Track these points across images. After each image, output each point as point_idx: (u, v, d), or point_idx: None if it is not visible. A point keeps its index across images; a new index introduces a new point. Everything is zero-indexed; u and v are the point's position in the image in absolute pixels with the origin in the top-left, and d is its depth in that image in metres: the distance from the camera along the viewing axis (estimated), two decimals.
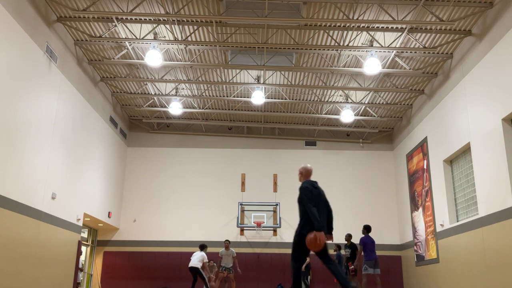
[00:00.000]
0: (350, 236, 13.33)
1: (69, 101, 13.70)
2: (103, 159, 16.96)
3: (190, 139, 20.21)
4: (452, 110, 13.71)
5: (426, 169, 15.93)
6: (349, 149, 20.10)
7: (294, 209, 19.39)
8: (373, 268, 11.55)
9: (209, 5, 12.14)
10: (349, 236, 13.34)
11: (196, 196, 19.34)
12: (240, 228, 18.60)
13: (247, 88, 16.73)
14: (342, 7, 11.98)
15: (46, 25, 12.10)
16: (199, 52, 14.37)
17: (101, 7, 12.23)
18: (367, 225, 12.06)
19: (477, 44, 12.07)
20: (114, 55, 14.72)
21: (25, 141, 11.12)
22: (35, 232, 11.70)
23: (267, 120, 19.70)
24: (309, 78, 15.92)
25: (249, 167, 19.76)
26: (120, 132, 18.84)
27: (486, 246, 11.40)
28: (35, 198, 11.71)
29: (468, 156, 13.10)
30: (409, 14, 12.02)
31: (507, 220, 10.38)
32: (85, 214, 15.38)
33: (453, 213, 14.03)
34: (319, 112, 18.40)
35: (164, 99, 17.88)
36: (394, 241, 18.84)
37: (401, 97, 16.94)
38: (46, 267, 12.32)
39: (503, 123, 10.76)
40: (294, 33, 13.25)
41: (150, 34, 13.41)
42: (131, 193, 19.41)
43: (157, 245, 18.65)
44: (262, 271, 17.68)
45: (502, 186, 10.63)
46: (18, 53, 10.72)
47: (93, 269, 18.25)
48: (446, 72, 14.23)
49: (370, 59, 13.23)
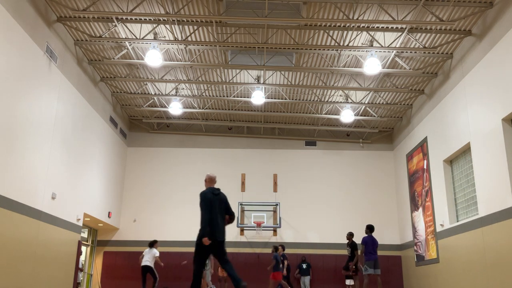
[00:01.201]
0: (352, 235, 13.10)
1: (69, 101, 13.70)
2: (103, 159, 16.96)
3: (190, 139, 20.21)
4: (452, 110, 13.71)
5: (426, 169, 15.93)
6: (349, 149, 20.10)
7: (294, 209, 19.47)
8: (373, 268, 11.53)
9: (209, 5, 12.13)
10: (350, 234, 13.11)
11: (196, 196, 19.22)
12: (240, 228, 18.60)
13: (247, 88, 16.73)
14: (342, 7, 11.98)
15: (46, 25, 12.10)
16: (199, 52, 14.37)
17: (101, 7, 12.23)
18: (370, 225, 12.01)
19: (477, 44, 12.07)
20: (114, 55, 14.72)
21: (25, 141, 11.11)
22: (35, 232, 11.70)
23: (267, 120, 19.70)
24: (309, 78, 15.92)
25: (249, 167, 19.76)
26: (120, 132, 18.84)
27: (486, 246, 11.40)
28: (35, 198, 11.71)
29: (468, 156, 13.10)
30: (409, 14, 12.02)
31: (507, 220, 10.38)
32: (85, 214, 15.38)
33: (453, 213, 14.03)
34: (319, 112, 18.40)
35: (164, 99, 17.88)
36: (394, 241, 18.85)
37: (401, 97, 16.94)
38: (46, 267, 12.32)
39: (503, 123, 10.76)
40: (294, 33, 13.25)
41: (150, 34, 13.41)
42: (131, 193, 19.41)
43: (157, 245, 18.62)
44: (262, 271, 17.67)
45: (502, 186, 10.63)
46: (18, 53, 10.72)
47: (93, 269, 18.24)
48: (446, 72, 14.23)
49: (370, 59, 13.22)
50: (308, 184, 19.59)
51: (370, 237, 11.76)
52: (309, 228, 19.03)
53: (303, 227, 19.04)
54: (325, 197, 19.42)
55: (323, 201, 19.37)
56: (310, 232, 19.00)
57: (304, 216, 19.13)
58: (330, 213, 19.19)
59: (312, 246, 18.76)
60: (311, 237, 18.91)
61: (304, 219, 19.11)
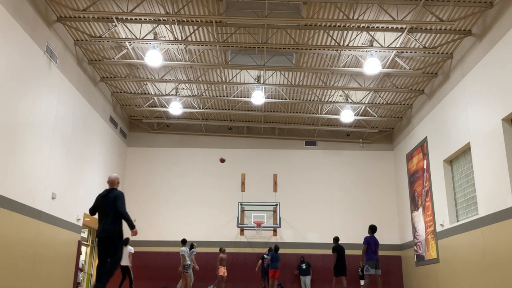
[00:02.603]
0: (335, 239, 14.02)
1: (69, 101, 13.70)
2: (103, 159, 16.95)
3: (190, 139, 20.21)
4: (452, 110, 13.71)
5: (426, 169, 15.93)
6: (349, 149, 20.10)
7: (294, 209, 19.46)
8: (374, 269, 11.55)
9: (209, 5, 12.13)
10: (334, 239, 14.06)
11: (196, 196, 19.35)
12: (240, 228, 18.60)
13: (247, 88, 16.73)
14: (342, 7, 11.98)
15: (46, 25, 12.10)
16: (199, 52, 14.37)
17: (101, 7, 12.23)
18: (373, 225, 12.02)
19: (477, 44, 12.07)
20: (114, 55, 14.72)
21: (25, 141, 11.11)
22: (35, 232, 11.70)
23: (267, 120, 19.70)
24: (309, 78, 15.92)
25: (249, 167, 19.76)
26: (120, 132, 18.84)
27: (486, 246, 11.40)
28: (35, 198, 11.71)
29: (468, 156, 13.10)
30: (409, 14, 12.02)
31: (507, 220, 10.38)
32: (85, 214, 15.37)
33: (453, 213, 14.03)
34: (319, 112, 18.40)
35: (164, 99, 17.87)
36: (394, 241, 18.85)
37: (401, 97, 16.94)
38: (46, 267, 12.32)
39: (503, 123, 10.76)
40: (294, 33, 13.25)
41: (150, 34, 13.41)
42: (131, 193, 19.39)
43: (157, 245, 18.65)
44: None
45: (502, 186, 10.63)
46: (18, 53, 10.72)
47: (93, 269, 18.23)
48: (446, 72, 14.23)
49: (370, 59, 13.22)
50: (308, 184, 19.59)
51: (372, 237, 11.77)
52: (309, 228, 19.03)
53: (303, 227, 19.04)
54: (325, 197, 19.42)
55: (323, 201, 19.37)
56: (310, 232, 19.00)
57: (304, 216, 19.14)
58: (330, 213, 19.19)
59: (312, 246, 18.76)
60: (311, 237, 18.91)
61: (304, 219, 19.11)
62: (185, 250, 14.70)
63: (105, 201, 7.23)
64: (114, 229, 7.03)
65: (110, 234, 7.00)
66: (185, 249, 14.71)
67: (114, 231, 7.02)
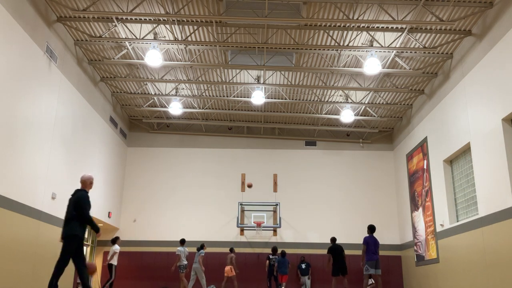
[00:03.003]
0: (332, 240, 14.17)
1: (69, 101, 13.70)
2: (103, 159, 16.95)
3: (190, 139, 20.21)
4: (452, 110, 13.71)
5: (426, 169, 15.93)
6: (349, 149, 20.10)
7: (294, 209, 19.46)
8: (374, 269, 11.55)
9: (209, 5, 12.13)
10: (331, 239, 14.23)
11: (196, 196, 19.35)
12: (240, 228, 18.60)
13: (247, 88, 16.73)
14: (342, 7, 11.98)
15: (46, 25, 12.10)
16: (199, 52, 14.37)
17: (101, 7, 12.23)
18: (372, 225, 12.04)
19: (477, 44, 12.07)
20: (114, 55, 14.72)
21: (25, 141, 11.11)
22: (35, 232, 11.70)
23: (267, 120, 19.70)
24: (309, 78, 15.92)
25: (249, 167, 19.76)
26: (120, 132, 18.84)
27: (486, 246, 11.40)
28: (35, 198, 11.70)
29: (468, 156, 13.10)
30: (409, 14, 12.02)
31: (507, 220, 10.38)
32: None
33: (453, 213, 14.03)
34: (319, 112, 18.40)
35: (164, 99, 17.88)
36: (394, 241, 18.85)
37: (401, 97, 16.94)
38: (46, 267, 12.30)
39: (503, 123, 10.76)
40: (294, 33, 13.25)
41: (150, 34, 13.41)
42: (131, 193, 19.41)
43: (157, 245, 18.64)
44: (262, 271, 17.67)
45: (502, 186, 10.63)
46: (18, 53, 10.72)
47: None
48: (446, 72, 14.23)
49: (370, 59, 13.22)
50: (308, 184, 19.59)
51: (371, 237, 11.77)
52: (309, 228, 19.03)
53: (303, 227, 19.04)
54: (325, 197, 19.42)
55: (323, 201, 19.37)
56: (310, 232, 18.99)
57: (304, 216, 19.14)
58: (330, 213, 19.19)
59: (312, 246, 18.75)
60: (311, 237, 18.91)
61: (304, 219, 19.11)
62: (182, 250, 14.74)
63: (69, 202, 7.48)
64: (65, 231, 7.32)
65: (63, 236, 7.32)
66: (181, 249, 14.75)
67: (65, 233, 7.30)
